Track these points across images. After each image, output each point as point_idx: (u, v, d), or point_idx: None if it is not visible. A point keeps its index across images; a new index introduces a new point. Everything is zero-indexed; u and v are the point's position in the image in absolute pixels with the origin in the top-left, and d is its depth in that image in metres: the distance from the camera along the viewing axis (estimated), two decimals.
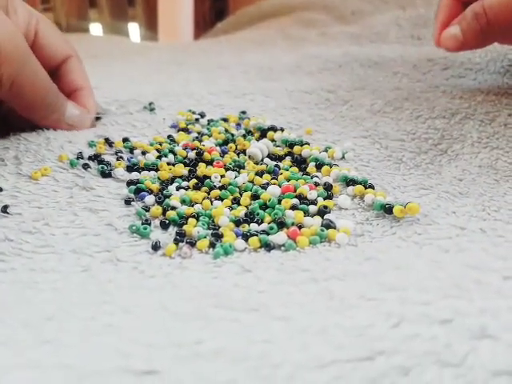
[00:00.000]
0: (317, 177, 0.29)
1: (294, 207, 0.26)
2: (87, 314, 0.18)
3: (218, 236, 0.23)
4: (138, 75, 0.51)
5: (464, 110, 0.39)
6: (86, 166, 0.29)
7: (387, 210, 0.25)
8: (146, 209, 0.25)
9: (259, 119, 0.37)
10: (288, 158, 0.32)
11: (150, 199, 0.26)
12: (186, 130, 0.36)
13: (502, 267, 0.20)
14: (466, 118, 0.38)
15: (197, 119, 0.38)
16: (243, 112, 0.38)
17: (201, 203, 0.26)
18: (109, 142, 0.33)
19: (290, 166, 0.31)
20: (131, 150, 0.32)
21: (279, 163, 0.31)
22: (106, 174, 0.29)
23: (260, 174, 0.29)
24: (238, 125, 0.37)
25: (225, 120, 0.37)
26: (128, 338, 0.16)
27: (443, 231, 0.23)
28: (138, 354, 0.15)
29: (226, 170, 0.30)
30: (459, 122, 0.37)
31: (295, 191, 0.27)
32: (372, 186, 0.28)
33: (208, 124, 0.37)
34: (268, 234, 0.23)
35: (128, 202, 0.26)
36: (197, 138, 0.35)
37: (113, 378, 0.15)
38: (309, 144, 0.33)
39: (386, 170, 0.30)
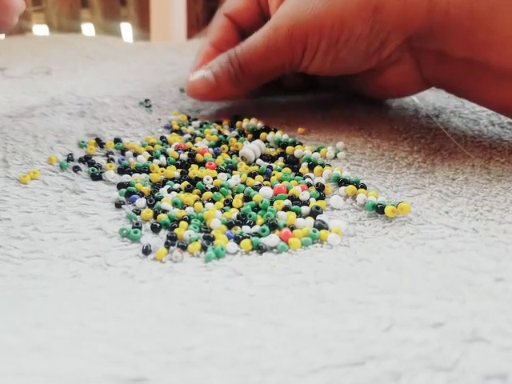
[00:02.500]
0: (309, 177, 0.29)
1: (286, 208, 0.26)
2: (76, 320, 0.17)
3: (209, 239, 0.23)
4: (131, 75, 0.50)
5: (454, 108, 0.39)
6: (76, 169, 0.29)
7: (379, 209, 0.25)
8: (137, 212, 0.25)
9: (252, 120, 0.37)
10: (281, 159, 0.32)
11: (140, 202, 0.26)
12: (179, 132, 0.36)
13: (494, 268, 0.20)
14: (459, 116, 0.38)
15: (190, 122, 0.37)
16: (236, 116, 0.38)
17: (192, 206, 0.26)
18: (100, 143, 0.33)
19: (283, 167, 0.31)
20: (122, 151, 0.32)
21: (272, 164, 0.31)
22: (96, 177, 0.28)
23: (252, 175, 0.29)
24: (232, 126, 0.37)
25: (218, 122, 0.37)
26: (118, 345, 0.16)
27: (436, 231, 0.23)
28: (127, 361, 0.15)
29: (219, 171, 0.30)
30: (451, 120, 0.37)
31: (287, 192, 0.27)
32: (364, 186, 0.28)
33: (201, 126, 0.37)
34: (260, 236, 0.23)
35: (118, 205, 0.26)
36: (190, 139, 0.34)
37: None
38: (301, 144, 0.33)
39: (378, 169, 0.30)
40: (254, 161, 0.32)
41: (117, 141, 0.33)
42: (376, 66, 0.33)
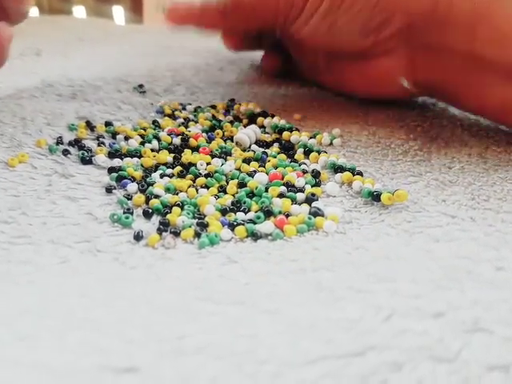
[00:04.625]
0: (305, 164, 0.28)
1: (281, 195, 0.25)
2: (65, 308, 0.17)
3: (203, 225, 0.22)
4: (123, 58, 0.49)
5: None
6: (65, 152, 0.28)
7: (375, 197, 0.24)
8: (128, 197, 0.24)
9: (250, 105, 0.36)
10: (276, 145, 0.31)
11: (132, 187, 0.25)
12: (171, 116, 0.35)
13: (493, 257, 0.19)
14: None
15: (184, 107, 0.37)
16: (231, 100, 0.37)
17: (186, 191, 0.25)
18: (90, 126, 0.32)
19: (278, 153, 0.30)
20: (113, 134, 0.31)
21: (267, 150, 0.30)
22: (86, 161, 0.28)
23: (247, 161, 0.29)
24: (227, 111, 0.36)
25: (213, 107, 0.36)
26: (108, 334, 0.16)
27: (433, 219, 0.23)
28: (118, 351, 0.15)
29: (213, 157, 0.29)
30: (448, 109, 0.37)
31: (283, 179, 0.26)
32: (360, 173, 0.27)
33: (195, 111, 0.36)
34: (255, 222, 0.23)
35: (109, 189, 0.25)
36: (183, 123, 0.34)
37: (91, 376, 0.14)
38: (298, 130, 0.33)
39: (374, 156, 0.30)
40: (249, 146, 0.31)
41: (108, 124, 0.32)
42: (369, 49, 0.32)
